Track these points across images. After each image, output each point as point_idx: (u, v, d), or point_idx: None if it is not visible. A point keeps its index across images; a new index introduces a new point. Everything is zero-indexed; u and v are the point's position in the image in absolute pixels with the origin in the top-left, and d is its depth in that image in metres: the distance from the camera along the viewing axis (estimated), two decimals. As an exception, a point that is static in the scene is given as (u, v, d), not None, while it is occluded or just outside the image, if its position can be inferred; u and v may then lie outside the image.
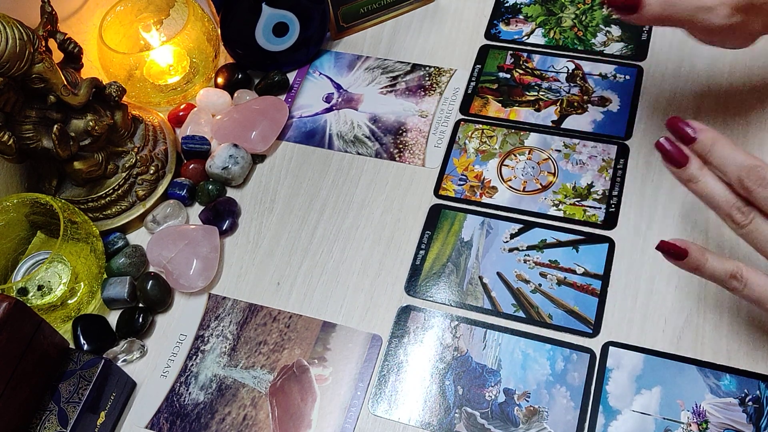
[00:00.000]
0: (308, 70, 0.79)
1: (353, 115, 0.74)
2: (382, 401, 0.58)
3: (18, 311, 0.51)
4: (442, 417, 0.57)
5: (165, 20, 0.79)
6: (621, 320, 0.59)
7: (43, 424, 0.54)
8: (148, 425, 0.59)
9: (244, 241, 0.68)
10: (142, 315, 0.63)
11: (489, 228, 0.65)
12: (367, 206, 0.68)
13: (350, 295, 0.64)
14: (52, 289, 0.63)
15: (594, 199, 0.66)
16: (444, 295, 0.62)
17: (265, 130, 0.72)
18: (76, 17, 0.79)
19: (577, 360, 0.58)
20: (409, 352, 0.60)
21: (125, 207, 0.69)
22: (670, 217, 0.64)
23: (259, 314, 0.64)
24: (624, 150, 0.68)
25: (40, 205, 0.64)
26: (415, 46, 0.78)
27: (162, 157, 0.71)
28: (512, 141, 0.70)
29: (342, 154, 0.72)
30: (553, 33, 0.77)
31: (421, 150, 0.71)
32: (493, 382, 0.58)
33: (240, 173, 0.70)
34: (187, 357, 0.62)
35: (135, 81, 0.75)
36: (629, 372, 0.57)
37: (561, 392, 0.57)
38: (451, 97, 0.74)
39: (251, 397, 0.60)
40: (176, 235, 0.66)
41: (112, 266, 0.66)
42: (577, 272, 0.62)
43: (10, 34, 0.57)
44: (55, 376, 0.56)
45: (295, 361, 0.61)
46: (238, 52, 0.76)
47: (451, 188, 0.68)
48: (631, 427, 0.55)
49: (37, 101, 0.62)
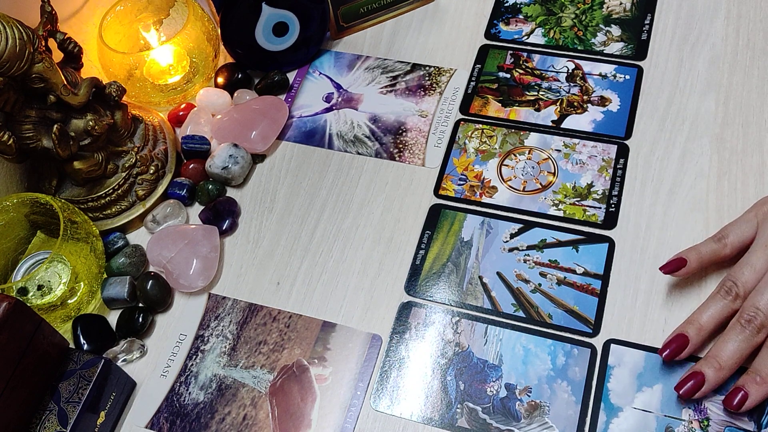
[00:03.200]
0: (308, 69, 0.79)
1: (353, 115, 0.74)
2: (384, 397, 0.58)
3: (18, 311, 0.51)
4: (443, 412, 0.57)
5: (165, 20, 0.79)
6: (621, 320, 0.59)
7: (42, 424, 0.54)
8: (148, 425, 0.59)
9: (244, 241, 0.68)
10: (142, 315, 0.63)
11: (489, 228, 0.65)
12: (367, 206, 0.68)
13: (350, 295, 0.64)
14: (52, 289, 0.63)
15: (594, 199, 0.66)
16: (444, 294, 0.62)
17: (265, 130, 0.72)
18: (76, 17, 0.79)
19: (578, 355, 0.58)
20: (410, 347, 0.60)
21: (125, 207, 0.69)
22: (670, 217, 0.64)
23: (259, 314, 0.64)
24: (624, 150, 0.68)
25: (40, 204, 0.64)
26: (415, 45, 0.79)
27: (162, 156, 0.71)
28: (512, 141, 0.70)
29: (342, 154, 0.72)
30: (553, 33, 0.77)
31: (421, 150, 0.71)
32: (494, 378, 0.58)
33: (240, 173, 0.70)
34: (187, 357, 0.62)
35: (135, 81, 0.75)
36: (630, 369, 0.57)
37: (562, 387, 0.57)
38: (451, 97, 0.74)
39: (251, 397, 0.60)
40: (176, 235, 0.66)
41: (112, 266, 0.66)
42: (577, 272, 0.62)
43: (10, 34, 0.57)
44: (55, 375, 0.55)
45: (295, 360, 0.61)
46: (238, 52, 0.76)
47: (451, 188, 0.68)
48: (633, 424, 0.55)
49: (37, 101, 0.62)
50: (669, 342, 0.56)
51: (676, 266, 0.58)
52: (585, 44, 0.76)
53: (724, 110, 0.69)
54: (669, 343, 0.56)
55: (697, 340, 0.55)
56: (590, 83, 0.73)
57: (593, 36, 0.76)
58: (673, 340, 0.56)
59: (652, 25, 0.76)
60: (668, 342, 0.56)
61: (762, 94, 0.69)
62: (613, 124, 0.70)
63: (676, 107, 0.70)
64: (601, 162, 0.68)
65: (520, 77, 0.75)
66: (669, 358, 0.55)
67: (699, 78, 0.71)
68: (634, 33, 0.76)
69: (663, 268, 0.58)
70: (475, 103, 0.73)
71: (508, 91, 0.74)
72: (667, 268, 0.58)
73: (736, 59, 0.72)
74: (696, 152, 0.67)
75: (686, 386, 0.54)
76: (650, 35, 0.75)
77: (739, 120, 0.68)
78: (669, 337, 0.56)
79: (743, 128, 0.67)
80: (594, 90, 0.72)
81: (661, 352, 0.56)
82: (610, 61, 0.74)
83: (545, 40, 0.77)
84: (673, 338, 0.56)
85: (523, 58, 0.76)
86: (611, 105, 0.71)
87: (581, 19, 0.78)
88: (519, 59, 0.76)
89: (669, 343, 0.56)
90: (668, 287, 0.60)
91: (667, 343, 0.56)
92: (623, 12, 0.78)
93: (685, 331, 0.56)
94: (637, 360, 0.57)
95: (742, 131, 0.67)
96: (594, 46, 0.75)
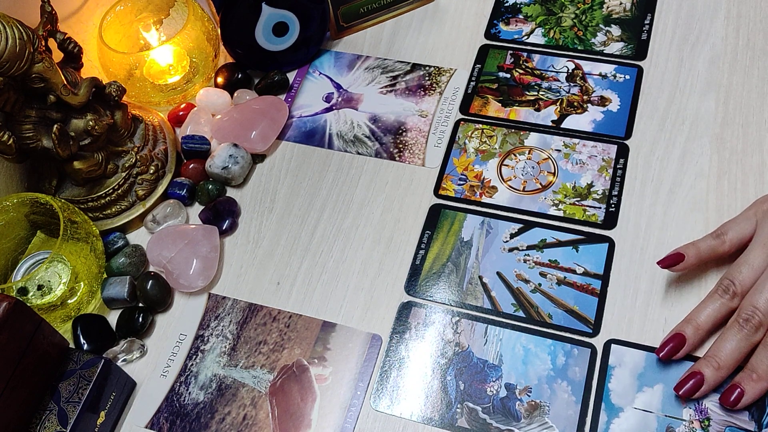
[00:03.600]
0: (308, 69, 0.79)
1: (353, 115, 0.74)
2: (384, 397, 0.58)
3: (18, 311, 0.51)
4: (443, 412, 0.57)
5: (165, 20, 0.79)
6: (621, 320, 0.59)
7: (42, 424, 0.54)
8: (148, 425, 0.59)
9: (243, 241, 0.68)
10: (142, 315, 0.63)
11: (489, 228, 0.65)
12: (367, 206, 0.68)
13: (350, 295, 0.64)
14: (52, 289, 0.63)
15: (594, 199, 0.66)
16: (444, 294, 0.62)
17: (265, 130, 0.72)
18: (76, 17, 0.79)
19: (578, 355, 0.58)
20: (410, 347, 0.60)
21: (125, 207, 0.69)
22: (670, 217, 0.64)
23: (259, 314, 0.64)
24: (624, 150, 0.68)
25: (40, 204, 0.64)
26: (415, 45, 0.79)
27: (162, 156, 0.71)
28: (512, 141, 0.70)
29: (342, 154, 0.72)
30: (553, 33, 0.77)
31: (421, 150, 0.71)
32: (494, 377, 0.58)
33: (240, 173, 0.70)
34: (187, 357, 0.62)
35: (135, 81, 0.75)
36: (631, 370, 0.57)
37: (562, 387, 0.57)
38: (451, 97, 0.74)
39: (251, 397, 0.60)
40: (176, 235, 0.66)
41: (112, 266, 0.66)
42: (577, 272, 0.62)
43: (10, 34, 0.57)
44: (55, 375, 0.55)
45: (294, 360, 0.61)
46: (238, 52, 0.76)
47: (451, 188, 0.68)
48: (634, 424, 0.55)
49: (37, 101, 0.62)
50: (666, 341, 0.56)
51: (674, 261, 0.58)
52: (585, 44, 0.76)
53: (724, 110, 0.69)
54: (666, 343, 0.56)
55: (694, 339, 0.55)
56: (590, 83, 0.73)
57: (593, 36, 0.76)
58: (670, 339, 0.56)
59: (652, 25, 0.76)
60: (665, 341, 0.56)
61: (762, 94, 0.69)
62: (613, 124, 0.70)
63: (676, 107, 0.70)
64: (601, 162, 0.68)
65: (520, 77, 0.75)
66: (666, 357, 0.55)
67: (699, 78, 0.71)
68: (634, 33, 0.76)
69: (661, 262, 0.58)
70: (475, 103, 0.73)
71: (508, 91, 0.74)
72: (665, 262, 0.58)
73: (736, 59, 0.72)
74: (696, 152, 0.67)
75: (686, 386, 0.54)
76: (650, 35, 0.75)
77: (739, 120, 0.68)
78: (666, 337, 0.56)
79: (743, 128, 0.67)
80: (594, 90, 0.72)
81: (658, 352, 0.56)
82: (610, 61, 0.74)
83: (545, 40, 0.77)
84: (670, 338, 0.56)
85: (523, 58, 0.76)
86: (611, 105, 0.71)
87: (581, 19, 0.78)
88: (519, 59, 0.76)
89: (666, 342, 0.56)
90: (668, 287, 0.60)
91: (665, 343, 0.56)
92: (623, 12, 0.78)
93: (683, 330, 0.56)
94: (637, 360, 0.57)
95: (742, 131, 0.67)
96: (594, 46, 0.75)
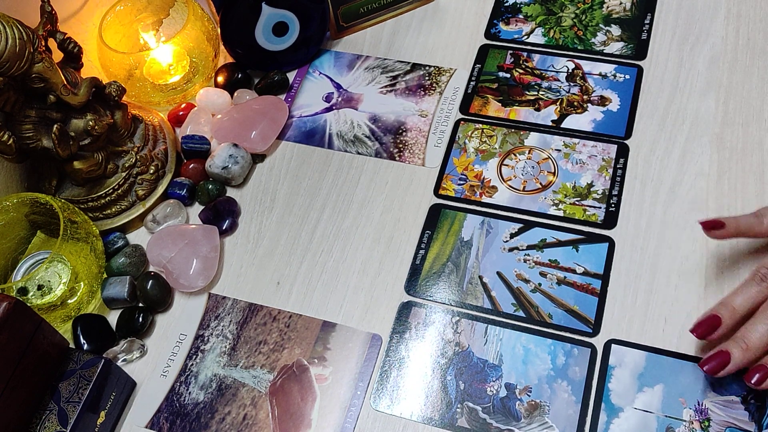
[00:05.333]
0: (308, 69, 0.79)
1: (353, 115, 0.74)
2: (384, 397, 0.58)
3: (18, 311, 0.51)
4: (443, 412, 0.57)
5: (165, 20, 0.79)
6: (621, 319, 0.59)
7: (43, 424, 0.54)
8: (148, 425, 0.59)
9: (243, 241, 0.68)
10: (142, 315, 0.63)
11: (489, 227, 0.65)
12: (367, 206, 0.68)
13: (350, 295, 0.64)
14: (52, 289, 0.63)
15: (594, 199, 0.66)
16: (444, 294, 0.62)
17: (265, 130, 0.72)
18: (76, 17, 0.79)
19: (578, 354, 0.58)
20: (410, 347, 0.60)
21: (125, 206, 0.69)
22: (670, 217, 0.64)
23: (259, 314, 0.64)
24: (624, 149, 0.68)
25: (40, 204, 0.64)
26: (415, 45, 0.79)
27: (162, 156, 0.71)
28: (512, 140, 0.70)
29: (342, 154, 0.72)
30: (553, 32, 0.77)
31: (421, 149, 0.71)
32: (494, 377, 0.58)
33: (240, 173, 0.70)
34: (187, 356, 0.62)
35: (135, 81, 0.75)
36: (631, 370, 0.57)
37: (562, 387, 0.57)
38: (450, 97, 0.74)
39: (251, 397, 0.60)
40: (176, 235, 0.66)
41: (112, 266, 0.66)
42: (577, 272, 0.62)
43: (10, 34, 0.57)
44: (55, 375, 0.55)
45: (295, 360, 0.61)
46: (238, 52, 0.76)
47: (451, 188, 0.68)
48: (634, 424, 0.55)
49: (37, 101, 0.62)
50: (701, 322, 0.54)
51: (714, 225, 0.57)
52: (585, 44, 0.76)
53: (724, 110, 0.69)
54: (701, 323, 0.54)
55: (730, 322, 0.54)
56: (590, 83, 0.73)
57: (593, 36, 0.76)
58: (705, 320, 0.54)
59: (652, 24, 0.76)
60: (700, 322, 0.54)
61: (762, 94, 0.69)
62: (613, 123, 0.70)
63: (676, 107, 0.70)
64: (601, 162, 0.68)
65: (520, 77, 0.75)
66: (700, 337, 0.54)
67: (699, 78, 0.71)
68: (634, 33, 0.76)
69: (704, 223, 0.58)
70: (475, 102, 0.73)
71: (508, 90, 0.74)
72: (707, 224, 0.58)
73: (736, 59, 0.72)
74: (696, 152, 0.67)
75: (711, 363, 0.53)
76: (650, 35, 0.75)
77: (739, 120, 0.68)
78: (701, 318, 0.55)
79: (743, 128, 0.67)
80: (594, 90, 0.72)
81: (692, 331, 0.54)
82: (610, 61, 0.74)
83: (545, 39, 0.77)
84: (705, 319, 0.54)
85: (523, 58, 0.76)
86: (611, 105, 0.71)
87: (581, 18, 0.78)
88: (519, 59, 0.76)
89: (701, 323, 0.54)
90: (668, 287, 0.60)
91: (699, 323, 0.54)
92: (623, 12, 0.78)
93: (719, 312, 0.54)
94: (637, 360, 0.57)
95: (742, 131, 0.67)
96: (594, 45, 0.75)
